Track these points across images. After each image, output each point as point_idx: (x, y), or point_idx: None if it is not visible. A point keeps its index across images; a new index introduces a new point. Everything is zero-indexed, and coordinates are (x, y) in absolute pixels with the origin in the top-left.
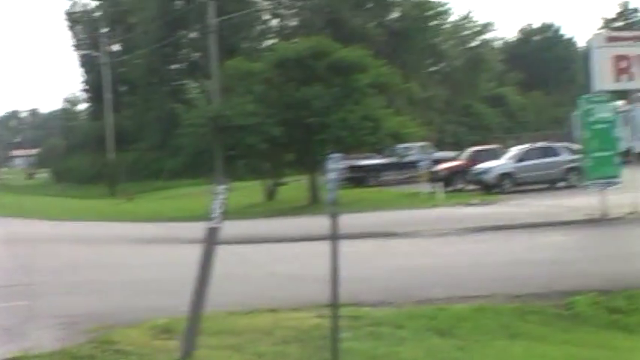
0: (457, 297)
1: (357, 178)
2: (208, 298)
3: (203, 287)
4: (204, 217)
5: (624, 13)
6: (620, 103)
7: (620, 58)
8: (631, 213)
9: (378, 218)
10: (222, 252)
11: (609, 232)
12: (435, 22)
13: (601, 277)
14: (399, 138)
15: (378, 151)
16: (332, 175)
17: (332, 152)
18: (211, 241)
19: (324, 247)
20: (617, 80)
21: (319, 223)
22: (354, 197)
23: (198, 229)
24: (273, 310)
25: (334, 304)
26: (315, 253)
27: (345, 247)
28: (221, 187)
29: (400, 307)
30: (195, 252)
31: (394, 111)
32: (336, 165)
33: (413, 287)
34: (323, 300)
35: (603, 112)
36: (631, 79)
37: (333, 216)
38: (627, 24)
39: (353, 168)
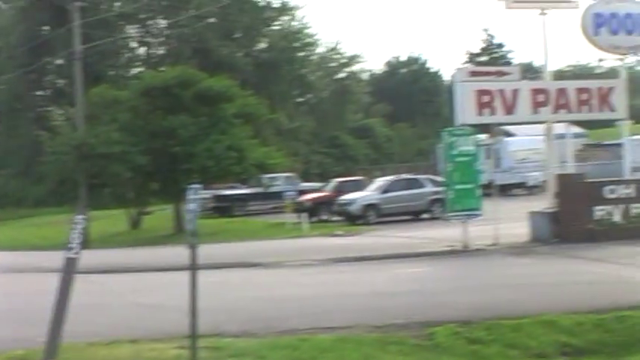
0: (320, 328)
1: (223, 207)
2: (67, 329)
3: (61, 317)
4: (66, 246)
5: (488, 48)
6: (482, 136)
7: (482, 92)
8: (492, 245)
9: (242, 248)
10: (83, 281)
11: (470, 264)
12: (303, 54)
13: (462, 308)
14: (264, 168)
15: (244, 181)
16: (191, 206)
17: (197, 182)
18: (69, 270)
19: (187, 277)
20: (480, 114)
21: (183, 252)
22: (220, 227)
23: (60, 257)
24: (133, 341)
25: (193, 335)
26: (177, 283)
27: (210, 277)
28: (80, 217)
29: (262, 337)
30: (56, 281)
31: (260, 141)
32: (195, 195)
33: (276, 318)
34: (184, 330)
35: (465, 145)
36: (493, 113)
37: (193, 246)
38: (491, 59)
39: (218, 198)
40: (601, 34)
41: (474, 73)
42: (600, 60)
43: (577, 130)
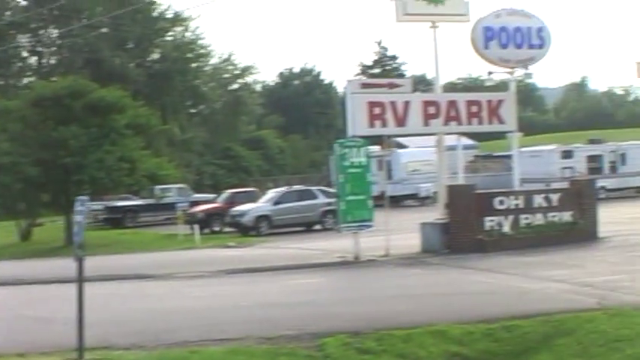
0: (211, 339)
1: (115, 219)
2: None
3: None
4: None
5: (381, 60)
6: (374, 147)
7: (374, 104)
8: (383, 256)
9: (134, 260)
10: None
11: (362, 275)
12: (196, 64)
13: (353, 319)
14: (156, 179)
15: (136, 193)
16: (78, 218)
17: (88, 193)
18: None
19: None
20: (372, 126)
21: (73, 264)
22: (111, 239)
23: None
24: (21, 355)
25: (80, 348)
26: (67, 296)
27: (100, 289)
28: None
29: (152, 350)
30: None
31: (152, 152)
32: (82, 207)
33: (166, 330)
34: (73, 343)
35: (357, 156)
36: (384, 124)
37: (79, 259)
38: (384, 71)
39: (110, 209)
40: (491, 48)
41: (365, 85)
42: (490, 73)
43: (468, 141)
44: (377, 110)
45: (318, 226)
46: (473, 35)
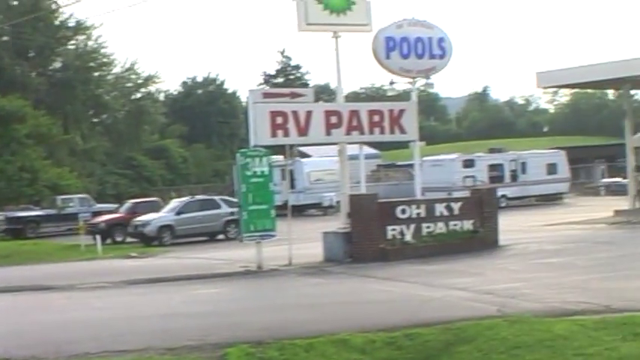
0: (112, 351)
1: (15, 230)
2: None
3: None
4: None
5: (285, 70)
6: (277, 157)
7: (276, 113)
8: (286, 265)
9: (35, 271)
10: None
11: (265, 284)
12: (98, 73)
13: (256, 329)
14: (57, 189)
15: (37, 203)
16: None
17: None
18: None
19: None
20: (274, 135)
21: None
22: (12, 249)
23: None
24: None
25: None
26: None
27: (0, 301)
28: None
29: None
30: None
31: (54, 162)
32: None
33: (67, 341)
34: None
35: (260, 166)
36: (286, 134)
37: None
38: (287, 80)
39: (10, 219)
40: (392, 58)
41: (267, 95)
42: (392, 83)
43: (370, 151)
44: (279, 120)
45: (221, 236)
46: (374, 45)
